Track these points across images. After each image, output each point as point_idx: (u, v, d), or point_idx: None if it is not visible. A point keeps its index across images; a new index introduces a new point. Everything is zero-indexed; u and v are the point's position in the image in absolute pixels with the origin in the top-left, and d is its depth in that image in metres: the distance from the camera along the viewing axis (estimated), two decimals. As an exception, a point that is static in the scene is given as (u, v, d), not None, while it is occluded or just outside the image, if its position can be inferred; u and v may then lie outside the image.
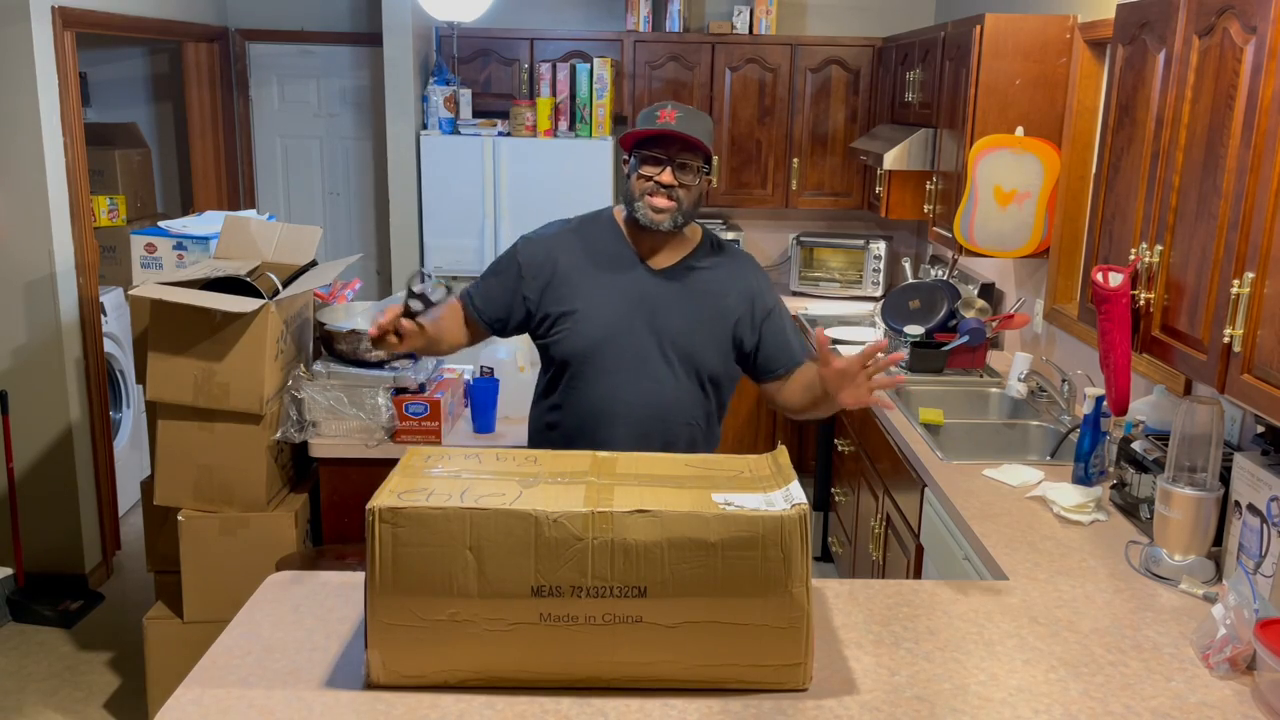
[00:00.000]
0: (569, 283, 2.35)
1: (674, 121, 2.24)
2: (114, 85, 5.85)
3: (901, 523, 3.15)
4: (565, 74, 4.99)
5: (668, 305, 2.34)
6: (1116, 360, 2.38)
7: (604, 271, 2.36)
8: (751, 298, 2.40)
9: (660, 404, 2.34)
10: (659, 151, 2.27)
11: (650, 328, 2.33)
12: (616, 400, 2.33)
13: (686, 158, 2.27)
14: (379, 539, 1.62)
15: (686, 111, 2.28)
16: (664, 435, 2.33)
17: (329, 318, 3.17)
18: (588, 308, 2.33)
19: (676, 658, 1.66)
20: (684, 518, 1.62)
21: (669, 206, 2.28)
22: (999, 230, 3.66)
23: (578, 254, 2.38)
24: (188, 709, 1.65)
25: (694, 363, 2.35)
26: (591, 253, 2.38)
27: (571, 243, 2.40)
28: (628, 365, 2.32)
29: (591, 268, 2.36)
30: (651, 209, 2.28)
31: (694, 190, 2.30)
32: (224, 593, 2.84)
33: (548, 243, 2.41)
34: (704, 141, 2.26)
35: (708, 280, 2.38)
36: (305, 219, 5.75)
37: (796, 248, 5.39)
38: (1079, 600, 2.09)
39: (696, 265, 2.39)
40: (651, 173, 2.27)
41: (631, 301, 2.33)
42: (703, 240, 2.44)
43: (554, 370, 2.41)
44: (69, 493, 4.16)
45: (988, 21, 3.58)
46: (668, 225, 2.30)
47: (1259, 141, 1.90)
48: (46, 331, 4.05)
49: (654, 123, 2.26)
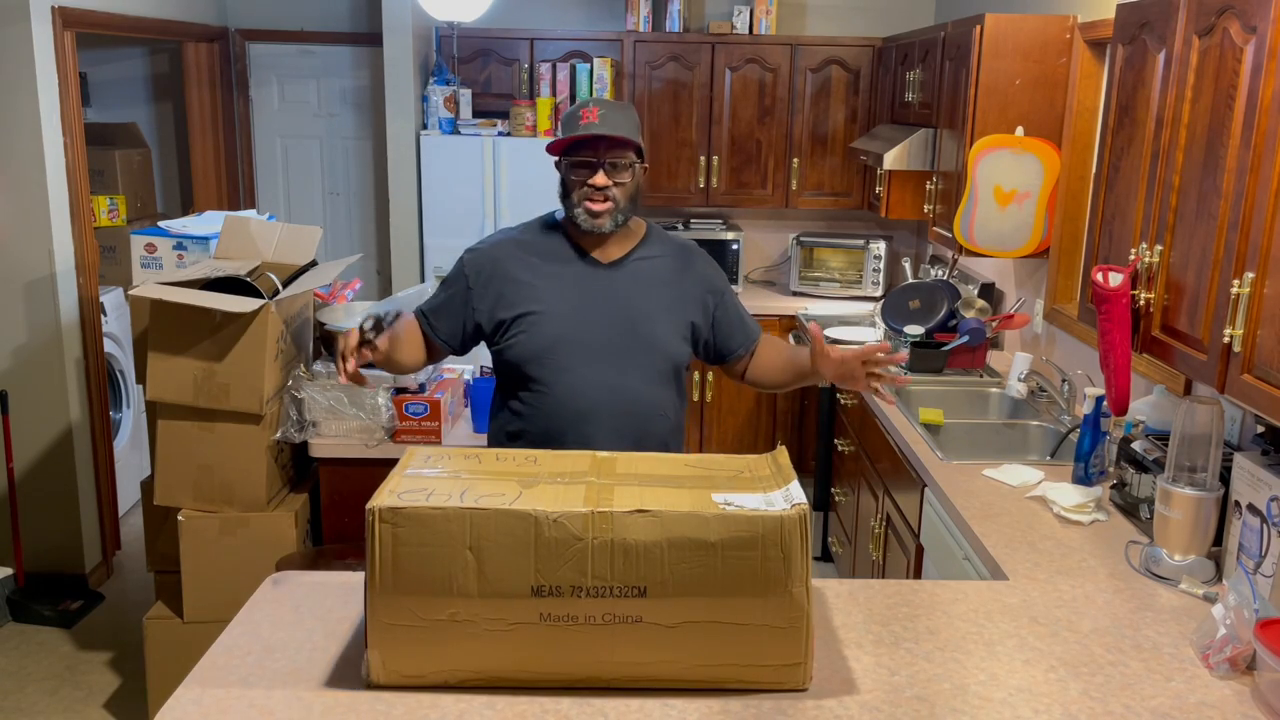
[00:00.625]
0: (520, 287, 2.32)
1: (597, 120, 2.22)
2: (114, 85, 5.86)
3: (901, 523, 3.15)
4: (565, 74, 4.99)
5: (623, 296, 2.32)
6: (1116, 360, 2.38)
7: (554, 270, 2.33)
8: (703, 284, 2.40)
9: (630, 398, 2.29)
10: (588, 155, 2.25)
11: (609, 320, 2.30)
12: (581, 397, 2.26)
13: (616, 156, 2.26)
14: (379, 539, 1.62)
15: (609, 107, 2.27)
16: (636, 431, 2.28)
17: (329, 318, 3.17)
18: (542, 307, 2.29)
19: (676, 658, 1.66)
20: (684, 518, 1.62)
21: (606, 208, 2.27)
22: (999, 230, 3.66)
23: (525, 258, 2.35)
24: (188, 709, 1.65)
25: (657, 350, 2.32)
26: (539, 255, 2.35)
27: (517, 248, 2.37)
28: (592, 359, 2.27)
29: (541, 269, 2.33)
30: (589, 213, 2.27)
31: (629, 186, 2.29)
32: (224, 593, 2.84)
33: (493, 251, 2.39)
34: (631, 137, 2.24)
35: (658, 269, 2.37)
36: (305, 219, 5.75)
37: (796, 248, 5.39)
38: (1079, 600, 2.09)
39: (646, 256, 2.38)
40: (583, 177, 2.26)
41: (586, 295, 2.31)
42: (648, 232, 2.43)
43: (514, 377, 2.33)
44: (69, 493, 4.16)
45: (988, 21, 3.58)
46: (609, 226, 2.29)
47: (1259, 141, 1.90)
48: (46, 331, 4.05)
49: (578, 125, 2.24)
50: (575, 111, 2.27)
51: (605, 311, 2.30)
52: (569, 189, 2.30)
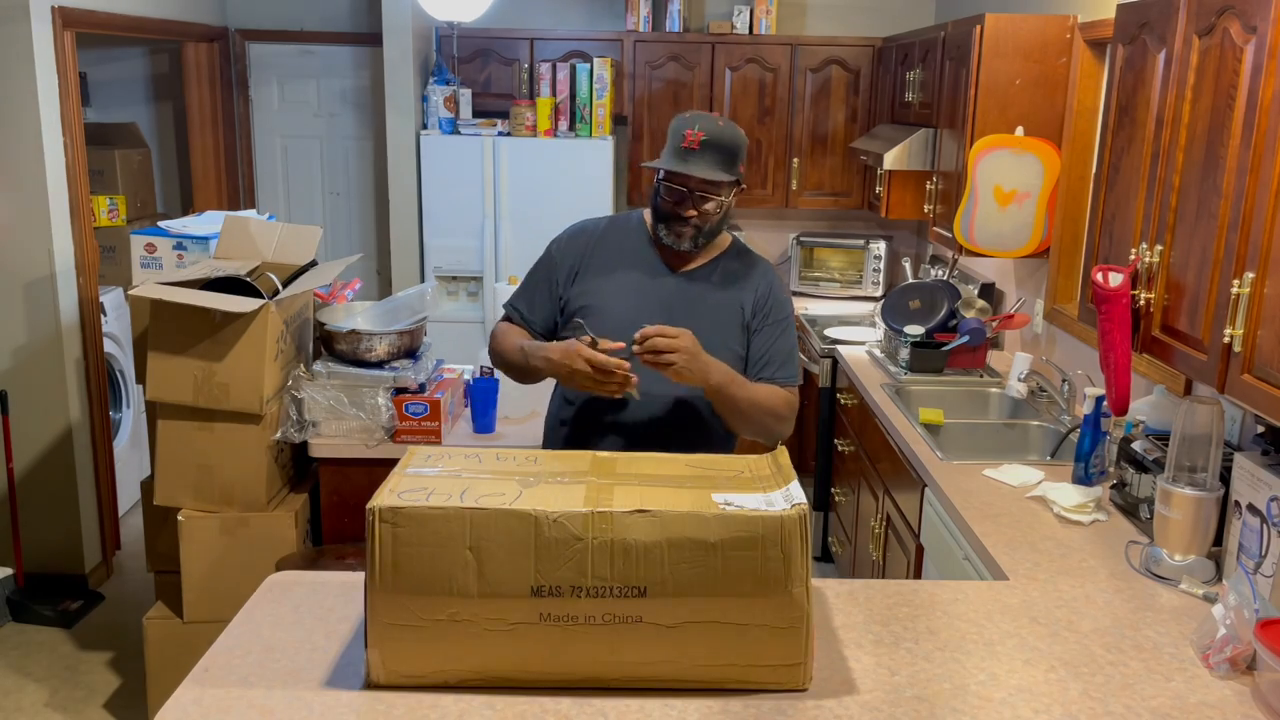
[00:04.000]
0: (592, 277, 2.37)
1: (698, 147, 2.22)
2: (114, 85, 5.85)
3: (901, 523, 3.15)
4: (565, 74, 4.99)
5: (685, 309, 2.33)
6: (1116, 360, 2.38)
7: (627, 271, 2.37)
8: (757, 300, 2.39)
9: (670, 406, 2.33)
10: (681, 184, 2.27)
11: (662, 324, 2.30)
12: (623, 402, 2.29)
13: (708, 190, 2.27)
14: (379, 539, 1.62)
15: (714, 132, 2.24)
16: (670, 440, 2.29)
17: (329, 318, 3.17)
18: (604, 304, 2.34)
19: (676, 658, 1.66)
20: (684, 518, 1.62)
21: (688, 233, 2.30)
22: (999, 230, 3.66)
23: (604, 252, 2.39)
24: (188, 709, 1.65)
25: None
26: (617, 252, 2.39)
27: (599, 240, 2.42)
28: (638, 365, 2.29)
29: (615, 267, 2.37)
30: (672, 234, 2.30)
31: (717, 215, 2.30)
32: (224, 593, 2.84)
33: (577, 238, 2.44)
34: (724, 179, 2.25)
35: (727, 285, 2.39)
36: (305, 219, 5.75)
37: (796, 248, 5.39)
38: (1079, 600, 2.09)
39: (719, 270, 2.40)
40: (671, 200, 2.28)
41: (650, 303, 2.32)
42: (729, 247, 2.44)
43: None
44: (69, 493, 4.16)
45: (988, 21, 3.58)
46: (688, 246, 2.32)
47: (1259, 141, 1.90)
48: (46, 331, 4.05)
49: (679, 147, 2.24)
50: (680, 129, 2.26)
51: (661, 317, 2.26)
52: (658, 203, 2.31)
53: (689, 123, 2.26)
